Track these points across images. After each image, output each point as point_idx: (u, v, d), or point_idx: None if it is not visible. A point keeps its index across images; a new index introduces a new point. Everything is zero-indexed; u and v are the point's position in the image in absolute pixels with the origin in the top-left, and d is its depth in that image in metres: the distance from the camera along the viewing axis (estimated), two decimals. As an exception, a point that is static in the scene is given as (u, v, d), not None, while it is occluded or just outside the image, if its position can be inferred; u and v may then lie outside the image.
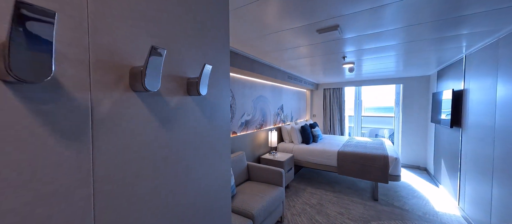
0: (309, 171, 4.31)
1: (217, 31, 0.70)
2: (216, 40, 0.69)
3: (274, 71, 3.28)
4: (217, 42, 0.70)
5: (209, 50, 0.67)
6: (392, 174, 2.92)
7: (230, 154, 0.76)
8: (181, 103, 0.57)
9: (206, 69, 0.56)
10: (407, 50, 2.46)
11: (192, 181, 0.60)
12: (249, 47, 2.31)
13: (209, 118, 0.66)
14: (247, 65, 2.61)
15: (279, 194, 2.33)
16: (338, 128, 5.55)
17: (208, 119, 0.65)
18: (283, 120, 4.37)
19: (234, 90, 2.85)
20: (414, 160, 4.53)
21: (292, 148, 3.75)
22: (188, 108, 0.59)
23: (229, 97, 0.74)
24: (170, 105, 0.54)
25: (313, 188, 3.41)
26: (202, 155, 0.64)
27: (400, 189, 3.39)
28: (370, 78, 4.91)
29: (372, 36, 1.97)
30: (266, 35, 1.93)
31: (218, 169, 0.70)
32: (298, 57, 2.75)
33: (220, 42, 0.71)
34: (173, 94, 0.54)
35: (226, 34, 0.74)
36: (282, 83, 4.01)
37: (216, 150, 0.69)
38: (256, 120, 3.40)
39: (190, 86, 0.57)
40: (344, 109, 5.54)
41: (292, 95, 4.80)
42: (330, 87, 5.62)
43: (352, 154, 3.23)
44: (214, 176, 0.68)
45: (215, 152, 0.69)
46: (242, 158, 2.61)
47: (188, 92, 0.58)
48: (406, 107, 4.63)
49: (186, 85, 0.58)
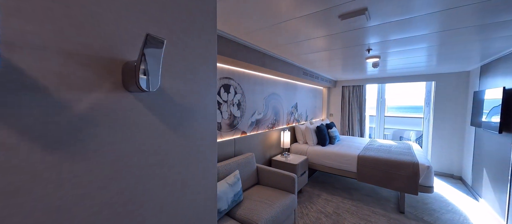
0: (324, 175, 4.00)
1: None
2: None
3: (287, 66, 3.03)
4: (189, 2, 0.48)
5: (169, 14, 0.45)
6: (423, 185, 2.54)
7: (216, 178, 0.57)
8: (112, 105, 0.37)
9: (152, 44, 0.35)
10: (443, 40, 2.07)
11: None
12: (259, 40, 2.09)
13: (175, 128, 0.46)
14: (258, 60, 2.41)
15: (291, 202, 2.11)
16: (357, 129, 5.14)
17: (173, 130, 0.46)
18: (297, 120, 4.11)
19: (244, 86, 2.66)
20: (446, 167, 4.01)
21: (306, 149, 3.49)
22: (126, 113, 0.39)
23: (215, 94, 0.54)
24: (79, 110, 0.34)
25: (328, 195, 3.13)
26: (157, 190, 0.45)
27: (431, 201, 2.97)
28: (396, 75, 4.43)
29: (401, 24, 1.65)
30: (278, 25, 1.70)
31: (195, 206, 0.51)
32: (314, 50, 2.48)
33: (194, 3, 0.49)
34: (87, 88, 0.34)
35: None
36: (297, 80, 3.74)
37: (191, 175, 0.50)
38: (268, 119, 3.19)
39: (127, 76, 0.38)
40: (365, 108, 5.10)
41: (307, 92, 4.50)
42: (350, 84, 5.21)
43: (375, 159, 2.88)
44: (187, 215, 0.50)
45: (190, 178, 0.50)
46: (251, 160, 2.43)
47: (125, 85, 0.39)
48: (439, 108, 4.09)
49: (122, 74, 0.38)
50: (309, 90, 4.59)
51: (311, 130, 3.60)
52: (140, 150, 0.41)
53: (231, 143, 2.42)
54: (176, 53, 0.47)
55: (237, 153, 2.50)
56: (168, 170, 0.46)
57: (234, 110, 2.51)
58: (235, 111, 2.52)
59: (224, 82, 2.34)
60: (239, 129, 2.62)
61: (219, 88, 2.28)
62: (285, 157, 3.10)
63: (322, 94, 5.46)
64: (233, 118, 2.51)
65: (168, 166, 0.46)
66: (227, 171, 2.04)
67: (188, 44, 0.49)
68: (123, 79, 0.38)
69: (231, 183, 1.87)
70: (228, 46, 1.97)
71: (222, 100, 2.33)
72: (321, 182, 3.61)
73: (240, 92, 2.59)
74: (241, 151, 2.57)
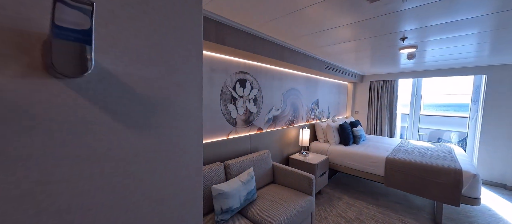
0: (347, 176, 3.74)
1: None
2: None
3: (308, 60, 2.84)
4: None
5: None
6: (467, 196, 2.18)
7: (201, 192, 0.47)
8: (25, 96, 0.27)
9: (72, 7, 0.26)
10: (500, 23, 1.69)
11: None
12: (276, 31, 1.96)
13: (139, 127, 0.37)
14: (276, 53, 2.28)
15: (308, 205, 1.98)
16: (386, 128, 4.68)
17: (135, 130, 0.36)
18: (318, 117, 3.88)
19: (261, 81, 2.56)
20: (498, 176, 3.42)
21: (327, 149, 3.28)
22: (51, 108, 0.29)
23: (200, 85, 0.44)
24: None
25: (351, 198, 2.90)
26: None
27: (476, 215, 2.56)
28: (436, 67, 3.89)
29: (445, 5, 1.37)
30: (296, 13, 1.55)
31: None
32: (338, 41, 2.26)
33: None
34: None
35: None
36: (318, 74, 3.51)
37: (164, 188, 0.40)
38: (286, 116, 3.05)
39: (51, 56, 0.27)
40: (396, 105, 4.61)
41: (330, 88, 4.21)
42: (379, 79, 4.74)
43: (406, 162, 2.57)
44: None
45: (162, 192, 0.40)
46: (266, 157, 2.34)
47: (48, 69, 0.28)
48: (490, 106, 3.49)
49: (43, 53, 0.28)
50: (332, 86, 4.30)
51: (333, 128, 3.36)
52: (78, 156, 0.31)
53: (246, 140, 2.36)
54: (136, 29, 0.36)
55: (252, 150, 2.43)
56: (131, 182, 0.36)
57: (250, 105, 2.43)
58: (251, 107, 2.45)
59: (239, 77, 2.27)
60: (255, 125, 2.54)
61: (234, 83, 2.22)
62: (304, 156, 2.95)
63: (347, 90, 5.08)
64: (249, 114, 2.44)
65: (124, 175, 0.36)
66: (240, 168, 1.99)
67: (154, 19, 0.38)
68: (45, 60, 0.27)
69: (245, 181, 1.81)
70: (242, 39, 1.88)
71: (237, 95, 2.26)
72: (343, 184, 3.37)
73: (256, 87, 2.50)
74: (257, 148, 2.50)
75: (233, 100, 2.22)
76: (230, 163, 1.95)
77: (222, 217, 1.58)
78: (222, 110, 2.11)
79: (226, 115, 2.16)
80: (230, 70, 2.16)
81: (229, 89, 2.17)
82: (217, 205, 1.58)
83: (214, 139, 2.05)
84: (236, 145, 2.23)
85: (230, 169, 1.93)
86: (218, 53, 2.01)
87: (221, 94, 2.09)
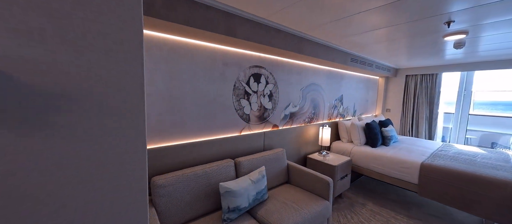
0: (373, 181, 3.39)
1: None
2: None
3: (330, 52, 2.59)
4: None
5: None
6: (529, 217, 1.76)
7: (146, 209, 0.38)
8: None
9: None
10: None
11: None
12: (292, 20, 1.79)
13: (29, 127, 0.28)
14: (293, 45, 2.11)
15: (323, 210, 1.82)
16: (424, 129, 4.11)
17: (21, 132, 0.28)
18: (342, 114, 3.58)
19: (277, 76, 2.42)
20: None
21: (350, 149, 3.00)
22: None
23: (141, 77, 0.34)
24: None
25: (376, 206, 2.61)
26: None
27: (543, 240, 2.06)
28: (492, 58, 3.23)
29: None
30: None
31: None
32: (367, 28, 1.98)
33: None
34: None
35: None
36: (343, 68, 3.21)
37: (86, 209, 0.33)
38: (305, 113, 2.86)
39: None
40: (438, 103, 3.99)
41: (357, 83, 3.84)
42: (418, 72, 4.16)
43: (447, 170, 2.19)
44: None
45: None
46: (281, 156, 2.22)
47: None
48: None
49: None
50: (359, 81, 3.91)
51: (358, 127, 3.06)
52: None
53: (260, 137, 2.26)
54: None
55: (266, 148, 2.33)
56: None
57: (264, 101, 2.32)
58: (266, 102, 2.33)
59: (253, 71, 2.17)
60: (270, 122, 2.43)
61: (248, 77, 2.12)
62: (323, 156, 2.74)
63: (378, 85, 4.59)
64: (264, 110, 2.33)
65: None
66: (252, 166, 1.91)
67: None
68: None
69: (255, 179, 1.73)
70: (255, 30, 1.76)
71: (251, 90, 2.17)
72: (368, 190, 3.06)
73: (272, 82, 2.37)
74: (271, 146, 2.39)
75: (247, 95, 2.14)
76: (241, 160, 1.89)
77: (229, 216, 1.53)
78: (234, 106, 2.05)
79: (239, 111, 2.09)
80: (243, 64, 2.07)
81: (243, 84, 2.08)
82: (225, 203, 1.54)
83: (225, 135, 2.01)
84: (249, 142, 2.15)
85: (241, 166, 1.86)
86: (230, 46, 1.93)
87: (233, 89, 2.02)
